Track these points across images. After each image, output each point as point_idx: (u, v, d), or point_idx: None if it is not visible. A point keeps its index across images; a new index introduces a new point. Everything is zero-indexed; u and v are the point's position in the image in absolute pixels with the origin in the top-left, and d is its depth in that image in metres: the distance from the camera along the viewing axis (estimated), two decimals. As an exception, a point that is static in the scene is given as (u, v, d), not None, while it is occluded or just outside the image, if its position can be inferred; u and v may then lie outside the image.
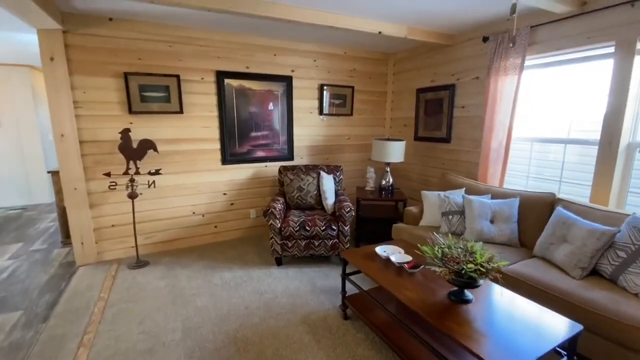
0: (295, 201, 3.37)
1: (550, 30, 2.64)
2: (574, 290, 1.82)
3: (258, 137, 3.76)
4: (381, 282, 1.87)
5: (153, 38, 3.10)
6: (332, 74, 4.07)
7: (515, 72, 2.84)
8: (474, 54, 3.30)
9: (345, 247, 3.02)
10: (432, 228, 2.87)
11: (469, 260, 1.54)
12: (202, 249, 3.53)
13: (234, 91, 3.53)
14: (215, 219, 3.72)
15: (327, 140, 4.20)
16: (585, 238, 2.01)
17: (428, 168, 3.98)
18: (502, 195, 2.72)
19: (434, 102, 3.82)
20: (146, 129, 3.20)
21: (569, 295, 1.81)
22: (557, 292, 1.86)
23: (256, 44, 3.55)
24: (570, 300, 1.79)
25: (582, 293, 1.79)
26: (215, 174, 3.62)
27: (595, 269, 2.00)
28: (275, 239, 2.99)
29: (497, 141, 3.04)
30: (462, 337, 1.37)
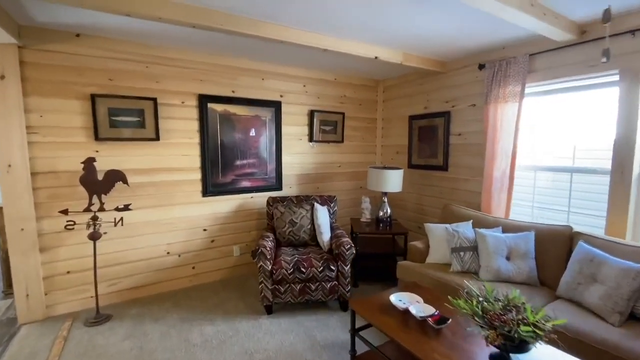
0: (286, 237, 3.02)
1: (549, 58, 2.60)
2: (624, 342, 1.59)
3: (244, 166, 3.43)
4: (403, 343, 1.55)
5: (128, 57, 2.78)
6: (322, 100, 3.88)
7: (516, 99, 2.76)
8: (469, 81, 3.24)
9: (346, 290, 2.67)
10: (442, 266, 2.61)
11: (520, 319, 1.26)
12: (178, 296, 3.04)
13: (218, 116, 3.22)
14: (193, 259, 3.26)
15: (317, 168, 3.94)
16: (619, 278, 1.81)
17: (425, 197, 3.79)
18: (514, 228, 2.53)
19: (428, 129, 3.70)
20: (115, 158, 2.79)
21: (619, 348, 1.57)
22: (603, 345, 1.62)
23: (243, 67, 3.32)
24: (621, 355, 1.55)
25: (630, 345, 1.56)
26: (195, 207, 3.22)
27: (633, 312, 1.79)
28: (265, 283, 2.60)
29: (500, 170, 2.91)
30: None
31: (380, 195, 4.25)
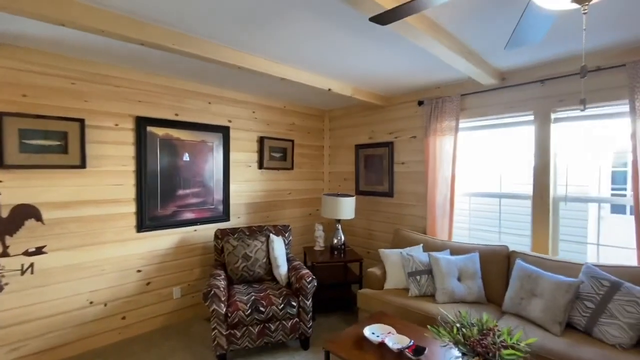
0: (239, 273, 2.77)
1: (477, 99, 3.01)
2: (569, 350, 1.79)
3: (187, 196, 3.12)
4: (386, 380, 1.50)
5: (48, 71, 2.36)
6: (272, 127, 3.83)
7: (452, 133, 3.10)
8: (410, 115, 3.54)
9: (308, 327, 2.52)
10: (400, 291, 2.67)
11: (499, 342, 1.32)
12: (105, 354, 2.51)
13: (158, 141, 2.91)
14: (123, 307, 2.76)
15: (267, 196, 3.80)
16: (554, 291, 2.07)
17: (373, 222, 3.92)
18: (460, 250, 2.74)
19: (374, 158, 3.90)
20: (27, 189, 2.27)
21: (567, 356, 1.76)
22: (555, 355, 1.79)
23: (187, 89, 3.10)
24: (567, 363, 1.73)
25: (578, 353, 1.76)
26: (128, 245, 2.77)
27: (569, 321, 2.05)
28: (219, 329, 2.31)
29: (441, 196, 3.17)
30: None
31: (332, 222, 4.28)
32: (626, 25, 1.93)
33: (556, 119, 2.63)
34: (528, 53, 2.38)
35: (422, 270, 2.62)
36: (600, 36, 2.09)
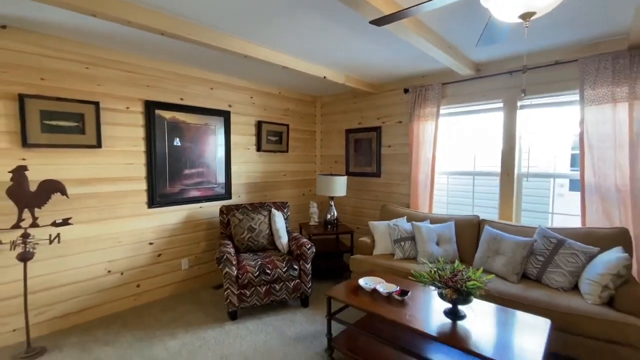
0: (245, 243, 3.08)
1: (456, 88, 3.38)
2: (521, 293, 2.23)
3: (192, 175, 3.36)
4: (380, 313, 1.88)
5: (64, 56, 2.52)
6: (269, 112, 4.08)
7: (433, 118, 3.47)
8: (396, 102, 3.88)
9: (308, 287, 2.89)
10: (387, 255, 3.07)
11: (466, 278, 1.72)
12: (124, 317, 2.79)
13: (165, 124, 3.12)
14: (137, 276, 3.03)
15: (264, 176, 4.08)
16: (514, 249, 2.51)
17: (362, 200, 4.29)
18: (438, 220, 3.15)
19: (363, 142, 4.24)
20: (48, 167, 2.47)
21: (519, 297, 2.20)
22: (511, 297, 2.23)
23: (191, 75, 3.30)
24: (521, 301, 2.17)
25: (527, 294, 2.20)
26: (141, 219, 3.02)
27: (524, 273, 2.50)
28: (231, 289, 2.63)
29: (424, 175, 3.56)
30: (478, 347, 1.49)
31: (326, 200, 4.63)
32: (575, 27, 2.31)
33: (521, 106, 3.04)
34: (499, 48, 2.74)
35: (406, 237, 3.01)
36: (557, 35, 2.47)
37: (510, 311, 1.90)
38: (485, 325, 1.73)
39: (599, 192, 2.59)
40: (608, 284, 2.02)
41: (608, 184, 2.54)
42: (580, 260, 2.26)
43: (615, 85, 2.50)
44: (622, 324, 1.86)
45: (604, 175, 2.56)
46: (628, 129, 2.46)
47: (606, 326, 1.90)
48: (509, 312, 1.89)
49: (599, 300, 2.04)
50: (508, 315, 1.85)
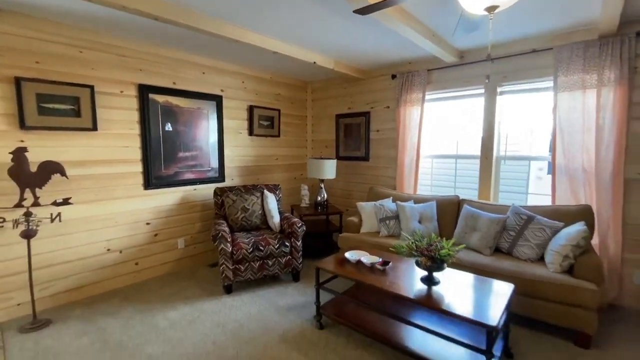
0: (239, 223, 3.23)
1: (440, 74, 3.52)
2: (492, 263, 2.45)
3: (186, 158, 3.47)
4: (364, 280, 2.07)
5: (58, 40, 2.57)
6: (260, 97, 4.16)
7: (419, 104, 3.61)
8: (384, 88, 4.01)
9: (299, 263, 3.08)
10: (373, 233, 3.26)
11: (440, 247, 1.91)
12: (124, 292, 2.94)
13: (159, 107, 3.20)
14: (136, 255, 3.17)
15: (257, 160, 4.20)
16: (488, 225, 2.72)
17: (351, 184, 4.47)
18: (421, 200, 3.35)
19: (353, 126, 4.37)
20: (45, 149, 2.55)
21: (490, 267, 2.42)
22: (483, 267, 2.45)
23: (183, 59, 3.36)
24: (491, 271, 2.40)
25: (497, 264, 2.43)
26: (137, 200, 3.13)
27: (497, 247, 2.72)
28: (226, 264, 2.80)
29: (409, 158, 3.74)
30: (449, 307, 1.70)
31: (316, 184, 4.79)
32: (550, 17, 2.46)
33: (501, 92, 3.21)
34: (480, 37, 2.88)
35: (391, 216, 3.21)
36: (533, 24, 2.61)
37: (480, 278, 2.12)
38: (457, 289, 1.93)
39: (567, 173, 2.80)
40: (568, 254, 2.25)
41: (576, 165, 2.75)
42: (547, 234, 2.48)
43: (586, 73, 2.67)
44: (578, 289, 2.10)
45: (573, 157, 2.76)
46: (595, 114, 2.65)
47: (564, 290, 2.13)
48: (479, 279, 2.10)
49: (560, 269, 2.27)
50: (477, 282, 2.06)
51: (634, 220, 2.60)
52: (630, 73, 2.52)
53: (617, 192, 2.60)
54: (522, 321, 2.43)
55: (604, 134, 2.63)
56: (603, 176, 2.63)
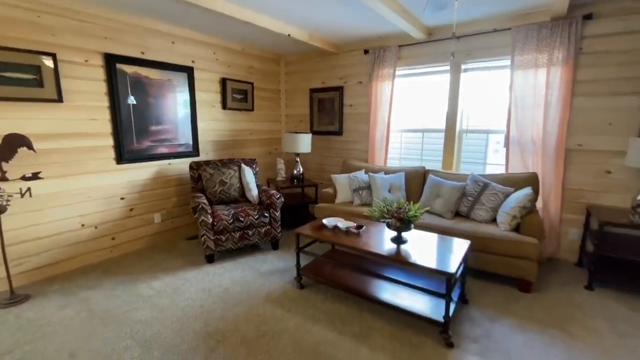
0: (218, 196, 3.29)
1: (410, 50, 3.66)
2: (452, 225, 2.75)
3: (159, 132, 3.41)
4: (341, 242, 2.27)
5: (10, 2, 2.37)
6: (233, 69, 4.09)
7: (390, 79, 3.76)
8: (357, 63, 4.10)
9: (278, 232, 3.23)
10: (347, 203, 3.47)
11: (408, 210, 2.14)
12: (102, 267, 2.95)
13: (128, 78, 3.08)
14: (112, 230, 3.15)
15: (231, 135, 4.20)
16: (450, 192, 3.01)
17: (325, 157, 4.61)
18: (391, 171, 3.58)
19: (327, 101, 4.46)
20: (6, 121, 2.42)
21: (451, 229, 2.72)
22: (445, 229, 2.75)
23: (151, 27, 3.21)
24: (452, 232, 2.70)
25: (456, 226, 2.73)
26: (110, 175, 3.08)
27: (457, 211, 3.04)
28: (207, 235, 2.89)
29: (380, 132, 3.93)
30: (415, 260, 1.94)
31: (292, 158, 4.88)
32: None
33: (465, 69, 3.43)
34: (448, 15, 3.02)
35: (363, 186, 3.42)
36: (494, 5, 2.80)
37: (442, 237, 2.39)
38: (422, 246, 2.19)
39: (519, 145, 3.12)
40: (516, 214, 2.59)
41: (527, 137, 3.07)
42: (499, 198, 2.81)
43: (538, 53, 2.94)
44: (523, 243, 2.44)
45: (524, 130, 3.08)
46: (545, 91, 2.95)
47: (512, 245, 2.47)
48: (441, 238, 2.38)
49: (509, 227, 2.61)
50: (439, 240, 2.33)
51: (571, 185, 3.00)
52: (575, 53, 2.81)
53: (559, 161, 2.97)
54: (476, 274, 2.79)
55: (551, 109, 2.95)
56: (548, 147, 2.98)
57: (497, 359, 1.80)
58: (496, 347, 1.89)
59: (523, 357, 1.82)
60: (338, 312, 2.23)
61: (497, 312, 2.24)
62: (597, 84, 2.80)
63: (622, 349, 1.88)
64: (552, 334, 2.01)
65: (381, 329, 2.06)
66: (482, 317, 2.18)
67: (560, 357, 1.82)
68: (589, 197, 2.94)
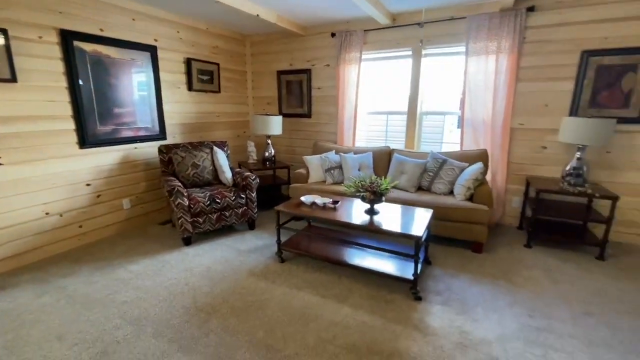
0: (191, 179, 3.28)
1: (376, 35, 3.83)
2: (415, 198, 3.05)
3: (124, 114, 3.27)
4: (318, 216, 2.45)
5: (-53, -32, 2.13)
6: (197, 49, 3.98)
7: (356, 63, 3.92)
8: (324, 45, 4.19)
9: (254, 212, 3.32)
10: (320, 183, 3.65)
11: (380, 184, 2.36)
12: (72, 255, 2.86)
13: (87, 57, 2.91)
14: (78, 217, 3.03)
15: (198, 117, 4.12)
16: (413, 169, 3.30)
17: (295, 140, 4.71)
18: (360, 151, 3.80)
19: (295, 83, 4.52)
20: (-47, 102, 2.22)
21: (415, 201, 3.02)
22: (410, 201, 3.04)
23: (111, 3, 3.02)
24: (416, 204, 3.00)
25: (420, 199, 3.04)
26: (74, 160, 2.93)
27: (420, 185, 3.35)
28: (184, 217, 2.91)
29: (348, 115, 4.11)
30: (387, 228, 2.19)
31: (262, 141, 4.91)
32: (465, -10, 2.89)
33: (425, 54, 3.68)
34: (411, 1, 3.21)
35: (335, 166, 3.61)
36: (452, -5, 3.03)
37: (408, 207, 2.67)
38: (391, 216, 2.44)
39: (472, 125, 3.48)
40: (470, 186, 2.94)
41: (478, 118, 3.43)
42: (456, 173, 3.15)
43: (489, 41, 3.25)
44: (475, 210, 2.80)
45: (476, 112, 3.43)
46: (494, 76, 3.29)
47: (466, 213, 2.82)
48: (407, 208, 2.65)
49: (464, 197, 2.96)
50: (406, 210, 2.60)
51: (515, 159, 3.44)
52: (520, 42, 3.16)
53: (505, 139, 3.37)
54: (437, 240, 3.14)
55: (499, 92, 3.31)
56: (496, 126, 3.36)
57: (457, 306, 2.13)
58: (455, 297, 2.22)
59: (477, 303, 2.16)
60: (319, 280, 2.43)
61: (455, 270, 2.59)
62: (537, 70, 3.20)
63: (554, 292, 2.31)
64: (499, 284, 2.39)
65: (359, 290, 2.30)
66: (443, 275, 2.51)
67: (506, 301, 2.19)
68: (529, 169, 3.40)
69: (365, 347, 1.77)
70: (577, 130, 2.78)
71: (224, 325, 1.94)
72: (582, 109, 3.07)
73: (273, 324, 1.95)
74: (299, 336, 1.85)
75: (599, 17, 2.89)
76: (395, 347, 1.76)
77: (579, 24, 2.97)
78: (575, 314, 2.05)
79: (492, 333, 1.88)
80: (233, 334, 1.86)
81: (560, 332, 1.89)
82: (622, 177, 3.03)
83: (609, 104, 2.98)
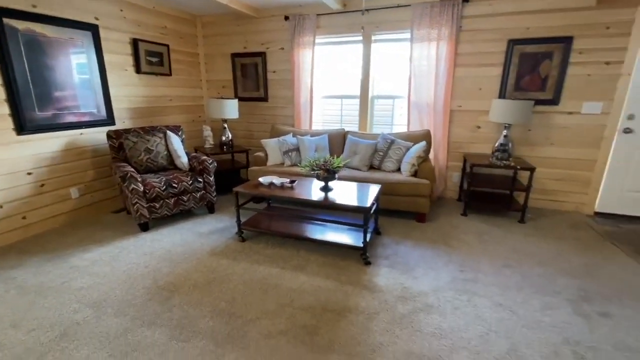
0: (144, 165, 3.22)
1: (328, 20, 3.94)
2: (367, 176, 3.30)
3: (65, 98, 3.09)
4: (276, 194, 2.58)
5: None
6: (144, 29, 3.80)
7: (310, 47, 4.01)
8: (278, 29, 4.21)
9: (213, 196, 3.36)
10: (278, 165, 3.76)
11: (332, 162, 2.54)
12: (17, 247, 2.72)
13: (20, 36, 2.69)
14: (21, 208, 2.87)
15: (149, 101, 3.98)
16: (365, 149, 3.54)
17: (252, 124, 4.73)
18: (316, 134, 3.95)
19: (250, 67, 4.50)
20: None
21: (366, 178, 3.26)
22: (362, 179, 3.28)
23: (40, -24, 2.80)
24: (367, 181, 3.24)
25: (371, 176, 3.29)
26: (11, 148, 2.74)
27: (371, 165, 3.60)
28: (140, 203, 2.88)
29: (304, 98, 4.22)
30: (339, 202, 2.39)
31: (218, 126, 4.85)
32: (408, -21, 3.09)
33: (375, 40, 3.87)
34: (358, -12, 3.35)
35: (292, 148, 3.73)
36: (396, -17, 3.22)
37: (359, 184, 2.90)
38: (344, 192, 2.64)
39: (417, 108, 3.78)
40: (414, 163, 3.24)
41: (422, 101, 3.73)
42: (402, 151, 3.43)
43: (431, 28, 3.52)
44: (419, 184, 3.11)
45: (420, 95, 3.72)
46: (435, 62, 3.58)
47: (411, 187, 3.12)
48: (359, 185, 2.88)
49: (409, 174, 3.26)
50: (358, 187, 2.83)
51: (454, 138, 3.81)
52: (457, 31, 3.46)
53: (445, 120, 3.72)
54: (387, 213, 3.44)
55: (440, 77, 3.62)
56: (438, 109, 3.69)
57: (401, 267, 2.41)
58: (401, 261, 2.51)
59: (418, 264, 2.47)
60: (279, 254, 2.59)
61: (401, 238, 2.89)
62: (472, 57, 3.54)
63: (482, 251, 2.69)
64: (438, 247, 2.73)
65: (315, 260, 2.50)
66: (390, 242, 2.80)
67: (443, 261, 2.52)
68: (465, 147, 3.80)
69: (320, 306, 1.97)
70: (503, 111, 3.17)
71: (187, 300, 2.03)
72: (508, 92, 3.48)
73: (235, 295, 2.09)
74: (260, 303, 2.00)
75: (522, 9, 3.26)
76: (346, 304, 1.99)
77: (505, 14, 3.33)
78: (496, 267, 2.43)
79: (428, 286, 2.18)
80: (196, 307, 1.97)
81: (484, 281, 2.25)
82: (540, 151, 3.52)
83: (530, 87, 3.41)
